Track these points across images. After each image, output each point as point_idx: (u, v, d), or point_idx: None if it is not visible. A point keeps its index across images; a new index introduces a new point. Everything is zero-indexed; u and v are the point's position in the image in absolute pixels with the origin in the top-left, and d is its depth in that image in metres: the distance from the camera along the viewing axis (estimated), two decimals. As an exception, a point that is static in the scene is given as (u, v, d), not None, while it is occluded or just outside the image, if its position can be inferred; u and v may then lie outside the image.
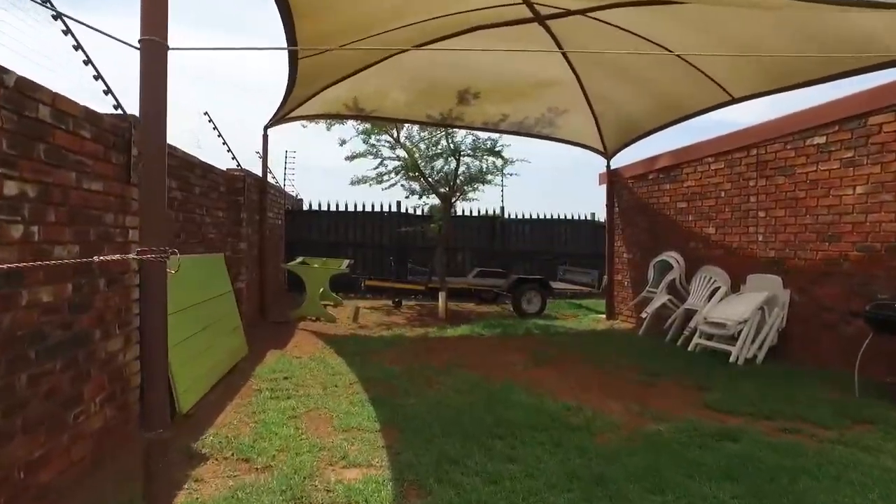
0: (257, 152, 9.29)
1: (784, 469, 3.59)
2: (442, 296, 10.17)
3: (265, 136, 9.18)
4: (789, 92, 6.37)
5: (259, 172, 9.15)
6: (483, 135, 10.34)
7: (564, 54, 7.46)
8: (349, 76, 7.83)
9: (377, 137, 10.50)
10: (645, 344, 7.93)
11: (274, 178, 12.57)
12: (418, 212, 13.34)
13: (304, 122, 10.25)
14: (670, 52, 6.38)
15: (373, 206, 13.77)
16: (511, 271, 13.17)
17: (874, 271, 5.95)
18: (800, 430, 4.39)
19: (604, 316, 10.69)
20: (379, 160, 10.84)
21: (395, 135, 10.54)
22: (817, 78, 5.87)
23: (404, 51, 7.23)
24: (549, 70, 7.91)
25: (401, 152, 10.69)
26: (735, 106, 7.48)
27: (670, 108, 8.01)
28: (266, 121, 9.09)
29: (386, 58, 7.55)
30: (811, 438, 4.22)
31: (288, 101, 8.12)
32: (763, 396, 5.24)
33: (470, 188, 10.90)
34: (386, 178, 10.91)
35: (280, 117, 8.95)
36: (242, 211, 7.79)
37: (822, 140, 6.45)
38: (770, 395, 5.30)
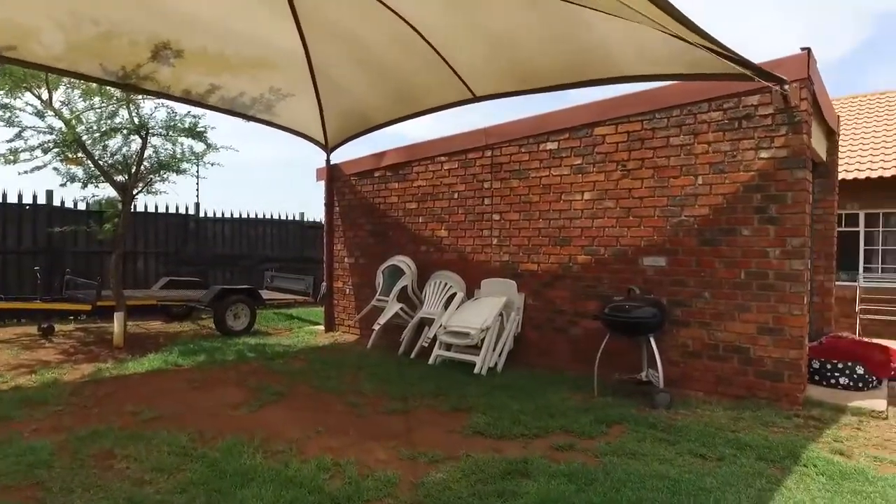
0: None
1: (602, 512, 3.05)
2: (118, 317, 7.66)
3: None
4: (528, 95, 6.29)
5: None
6: (182, 109, 8.14)
7: (297, 22, 6.12)
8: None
9: (12, 94, 7.37)
10: (379, 360, 7.09)
11: None
12: (80, 205, 10.16)
13: None
14: (416, 30, 5.65)
15: (4, 196, 9.89)
16: (208, 280, 11.09)
17: (600, 274, 6.20)
18: (573, 446, 4.09)
19: (322, 328, 9.59)
20: (16, 130, 7.68)
21: (47, 95, 7.57)
22: (560, 84, 5.85)
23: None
24: (277, 40, 6.42)
25: (55, 121, 7.74)
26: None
27: (407, 101, 7.37)
28: None
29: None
30: (588, 455, 3.95)
31: None
32: (523, 411, 4.85)
33: (158, 177, 8.51)
34: (28, 156, 7.77)
35: None
36: None
37: (554, 146, 6.54)
38: (528, 408, 4.94)
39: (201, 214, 12.47)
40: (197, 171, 10.41)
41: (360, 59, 6.76)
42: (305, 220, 14.38)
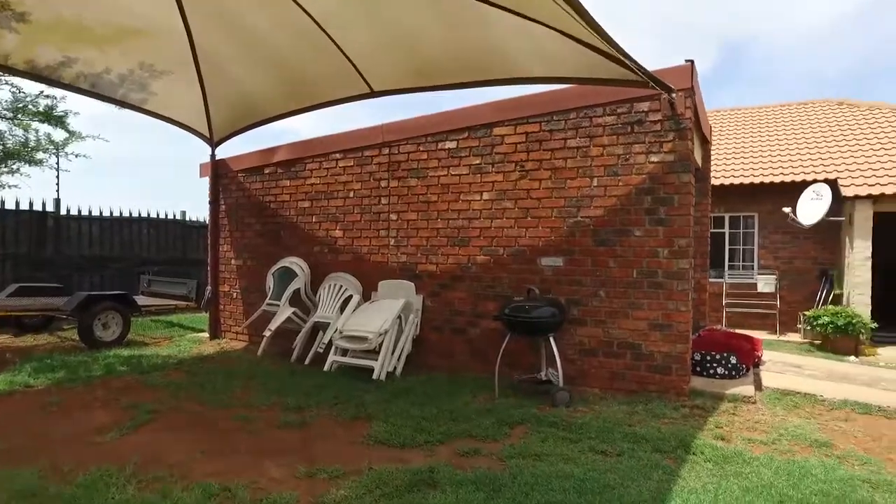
0: None
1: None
2: (-47, 329, 6.57)
3: None
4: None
5: None
6: (33, 89, 7.08)
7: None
8: None
9: None
10: (271, 369, 6.64)
11: None
12: None
13: None
14: (313, 19, 5.33)
15: None
16: (72, 285, 9.90)
17: (499, 274, 6.21)
18: (478, 451, 4.00)
19: (207, 335, 8.88)
20: None
21: None
22: (460, 82, 5.75)
23: None
24: (152, 13, 5.75)
25: None
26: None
27: (303, 93, 6.94)
28: None
29: None
30: (493, 459, 3.88)
31: None
32: (426, 416, 4.71)
33: (5, 168, 7.39)
34: None
35: None
36: None
37: (453, 145, 6.47)
38: (431, 413, 4.80)
39: (63, 212, 11.10)
40: (57, 163, 9.24)
41: (250, 46, 6.27)
42: (188, 219, 13.33)
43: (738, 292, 11.10)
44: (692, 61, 5.24)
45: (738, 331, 8.57)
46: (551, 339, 5.25)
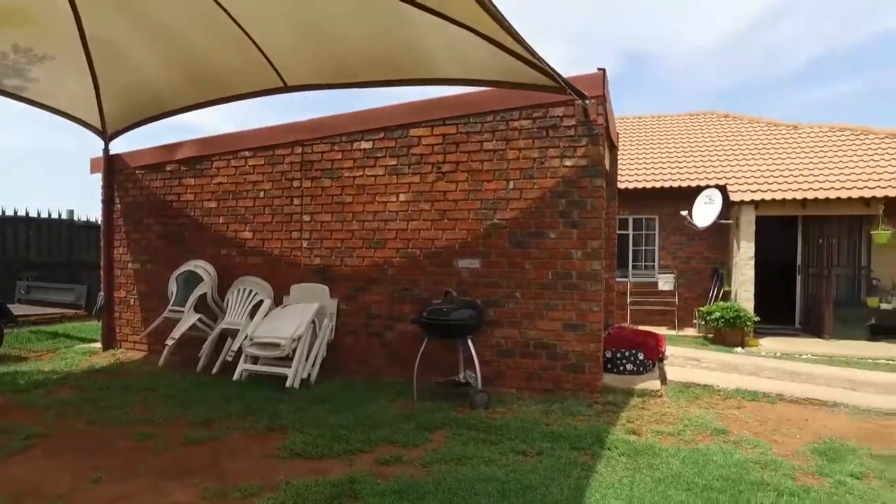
0: None
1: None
2: None
3: None
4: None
5: None
6: None
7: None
8: None
9: None
10: (174, 380, 6.19)
11: None
12: None
13: None
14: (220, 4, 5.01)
15: None
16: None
17: (416, 276, 6.16)
18: (399, 458, 3.92)
19: (100, 346, 8.16)
20: None
21: None
22: (378, 80, 5.62)
23: None
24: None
25: None
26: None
27: (210, 84, 6.51)
28: None
29: None
30: (415, 466, 3.82)
31: None
32: (344, 425, 4.57)
33: None
34: None
35: None
36: None
37: (368, 145, 6.34)
38: (349, 421, 4.67)
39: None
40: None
41: (151, 32, 5.80)
42: (76, 218, 12.23)
43: (640, 290, 11.73)
44: (604, 70, 5.45)
45: (642, 327, 9.04)
46: (469, 342, 5.27)
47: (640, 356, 6.10)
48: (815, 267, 11.00)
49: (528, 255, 5.67)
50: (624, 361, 6.07)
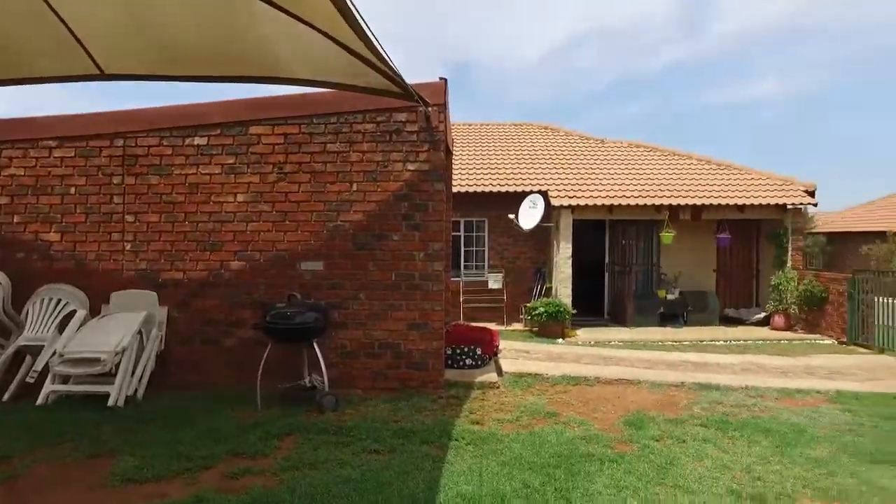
0: None
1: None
2: None
3: None
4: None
5: None
6: None
7: None
8: None
9: None
10: (-45, 408, 5.22)
11: None
12: None
13: None
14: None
15: None
16: None
17: (256, 280, 5.92)
18: (249, 470, 3.80)
19: None
20: None
21: None
22: (214, 75, 5.25)
23: None
24: None
25: None
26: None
27: (6, 63, 5.53)
28: None
29: None
30: (267, 476, 3.72)
31: None
32: (181, 441, 4.27)
33: None
34: None
35: None
36: None
37: (203, 141, 5.94)
38: (187, 436, 4.36)
39: None
40: None
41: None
42: None
43: (472, 289, 12.44)
44: (445, 79, 5.73)
45: (477, 324, 9.61)
46: (315, 345, 5.21)
47: (479, 351, 6.51)
48: (619, 265, 12.60)
49: (372, 257, 5.76)
50: (463, 357, 6.43)
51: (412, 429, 4.56)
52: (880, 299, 9.60)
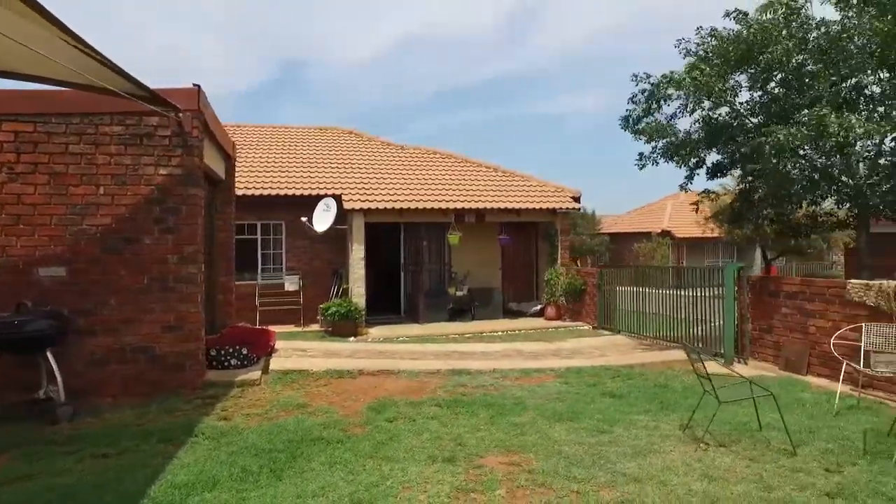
0: None
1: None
2: None
3: None
4: None
5: None
6: None
7: None
8: None
9: None
10: None
11: None
12: None
13: None
14: None
15: None
16: None
17: (-16, 289, 5.43)
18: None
19: None
20: None
21: None
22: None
23: None
24: None
25: None
26: None
27: None
28: None
29: None
30: None
31: None
32: None
33: None
34: None
35: None
36: None
37: (-90, 134, 5.30)
38: None
39: None
40: None
41: None
42: None
43: (269, 292, 12.37)
44: (199, 86, 5.78)
45: (268, 326, 9.63)
46: (49, 355, 4.97)
47: (245, 351, 6.64)
48: (413, 265, 13.40)
49: (123, 261, 5.62)
50: (229, 357, 6.52)
51: (154, 430, 4.60)
52: (620, 289, 11.50)
